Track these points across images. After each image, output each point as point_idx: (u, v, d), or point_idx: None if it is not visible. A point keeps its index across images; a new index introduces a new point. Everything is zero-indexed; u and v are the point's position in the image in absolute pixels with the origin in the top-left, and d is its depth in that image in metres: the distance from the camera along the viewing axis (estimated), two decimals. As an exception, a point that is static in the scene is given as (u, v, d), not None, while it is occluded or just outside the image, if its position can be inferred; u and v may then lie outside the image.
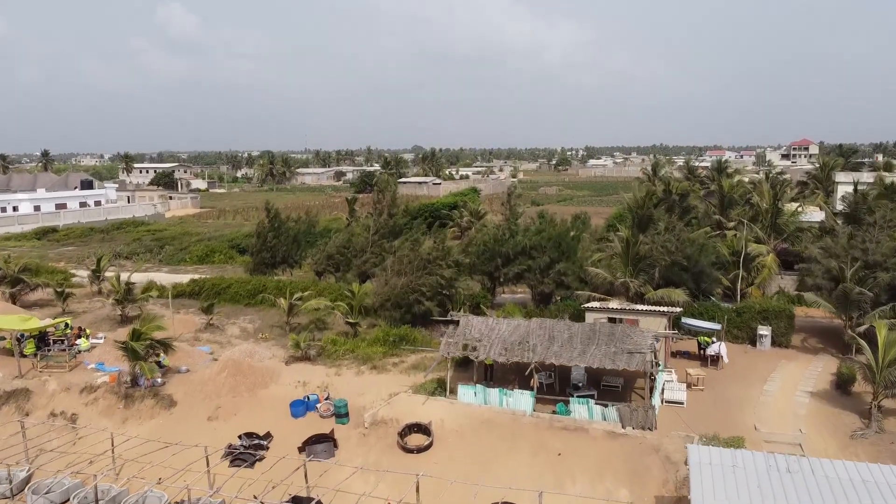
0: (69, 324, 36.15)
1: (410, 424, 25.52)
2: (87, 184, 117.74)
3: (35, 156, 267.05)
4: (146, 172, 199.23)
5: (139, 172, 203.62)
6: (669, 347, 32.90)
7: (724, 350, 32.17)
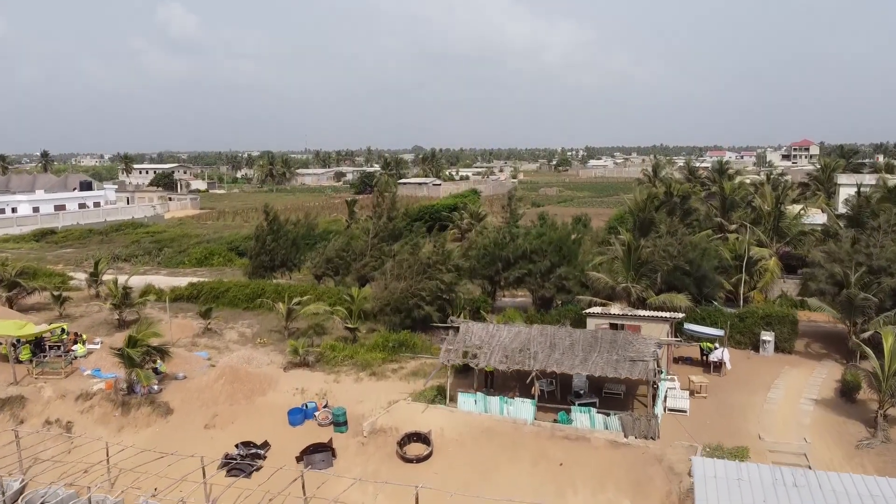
0: (66, 329, 35.75)
1: (410, 433, 25.15)
2: (87, 185, 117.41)
3: (35, 156, 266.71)
4: (146, 173, 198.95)
5: (139, 173, 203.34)
6: (671, 353, 32.56)
7: (727, 356, 31.82)
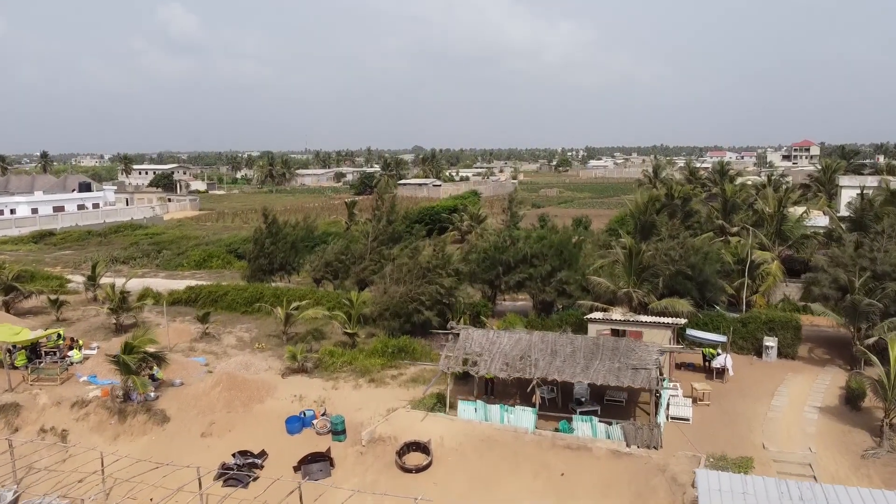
0: (62, 334, 35.44)
1: (409, 443, 24.79)
2: (86, 186, 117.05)
3: (35, 156, 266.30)
4: (145, 174, 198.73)
5: (138, 174, 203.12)
6: (673, 359, 32.24)
7: (730, 362, 31.49)
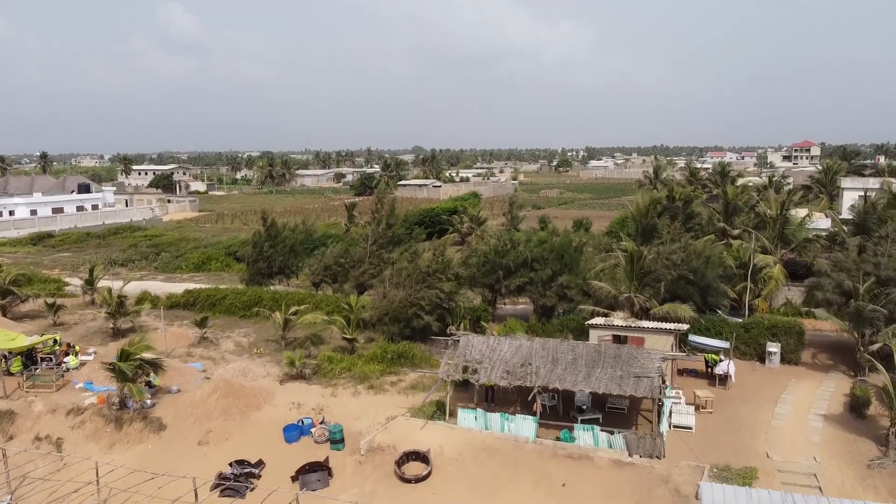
0: (58, 340, 35.10)
1: (408, 452, 24.44)
2: (85, 187, 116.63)
3: (34, 156, 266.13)
4: (145, 174, 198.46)
5: (138, 174, 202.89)
6: (676, 365, 31.89)
7: (733, 369, 31.17)
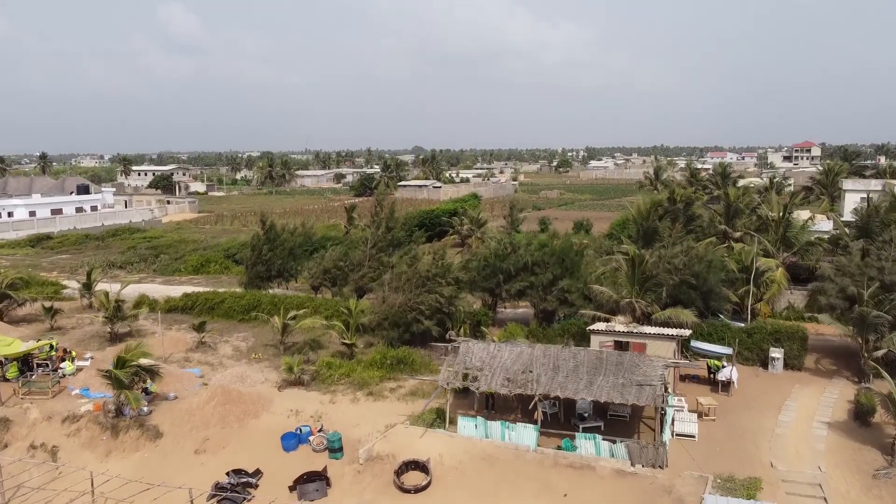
0: (54, 345, 34.76)
1: (408, 461, 24.12)
2: (84, 188, 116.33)
3: (34, 156, 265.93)
4: (144, 175, 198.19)
5: (137, 175, 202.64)
6: (678, 371, 31.57)
7: (736, 375, 30.85)
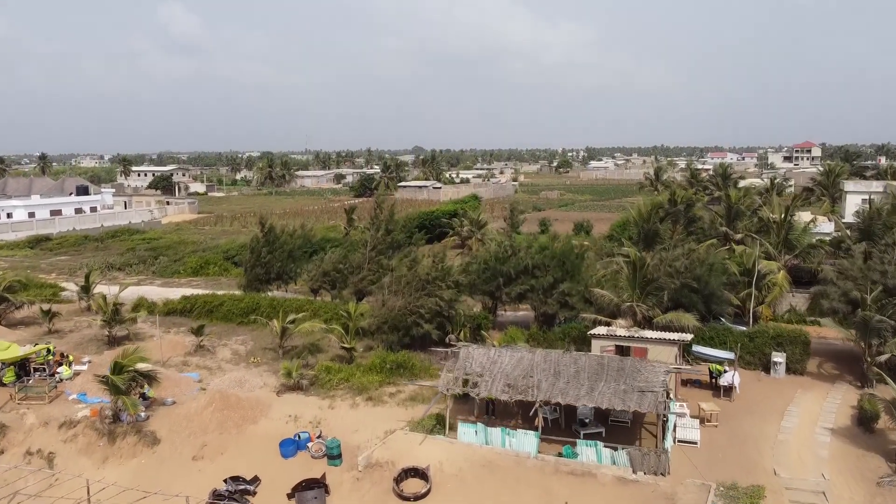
0: (51, 349, 34.55)
1: (407, 469, 23.87)
2: (83, 189, 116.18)
3: (34, 157, 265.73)
4: (144, 176, 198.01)
5: (137, 175, 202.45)
6: (679, 376, 31.31)
7: (738, 380, 30.62)
